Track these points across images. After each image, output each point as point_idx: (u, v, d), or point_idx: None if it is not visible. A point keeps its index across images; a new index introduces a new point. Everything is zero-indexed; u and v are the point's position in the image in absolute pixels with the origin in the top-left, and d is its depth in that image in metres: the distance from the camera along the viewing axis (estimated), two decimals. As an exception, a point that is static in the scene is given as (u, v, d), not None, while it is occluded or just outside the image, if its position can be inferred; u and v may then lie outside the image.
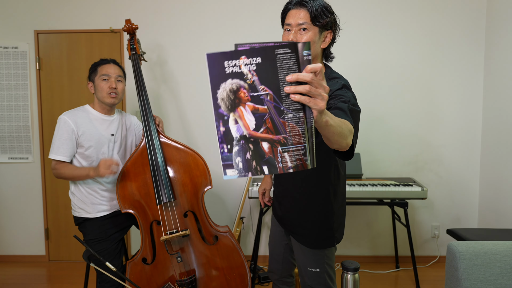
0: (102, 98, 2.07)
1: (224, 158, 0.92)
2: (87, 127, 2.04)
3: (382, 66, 3.11)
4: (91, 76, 2.11)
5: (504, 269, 1.65)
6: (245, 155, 0.92)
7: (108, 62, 2.11)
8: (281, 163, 0.92)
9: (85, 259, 1.69)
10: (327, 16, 1.41)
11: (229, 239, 2.15)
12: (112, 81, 2.07)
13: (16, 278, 3.09)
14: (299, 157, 0.91)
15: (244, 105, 0.89)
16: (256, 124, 0.90)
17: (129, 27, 2.35)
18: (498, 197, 2.92)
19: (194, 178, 2.14)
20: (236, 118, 0.90)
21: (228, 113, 0.89)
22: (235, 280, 2.13)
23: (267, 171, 0.92)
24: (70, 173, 2.00)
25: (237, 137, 0.91)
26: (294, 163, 0.91)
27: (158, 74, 3.17)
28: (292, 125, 0.90)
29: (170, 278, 2.10)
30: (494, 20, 2.95)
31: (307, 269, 1.71)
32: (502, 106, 2.84)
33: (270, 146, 0.91)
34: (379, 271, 3.12)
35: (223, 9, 3.12)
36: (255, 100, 0.89)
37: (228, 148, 0.92)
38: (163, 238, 2.03)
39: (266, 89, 0.88)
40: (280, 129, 0.90)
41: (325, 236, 1.67)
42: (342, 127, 1.11)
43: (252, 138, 0.91)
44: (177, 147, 2.16)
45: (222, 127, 0.90)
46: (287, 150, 0.91)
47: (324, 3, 1.44)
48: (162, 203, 2.07)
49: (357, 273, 1.40)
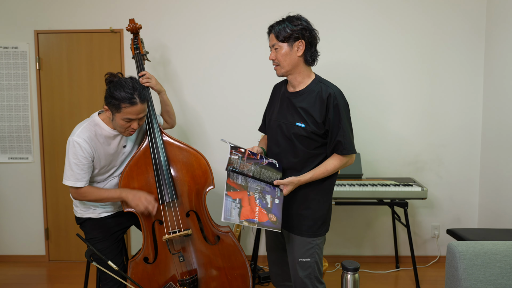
0: (118, 130, 1.95)
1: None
2: (101, 146, 1.95)
3: (382, 66, 3.11)
4: (110, 106, 1.84)
5: (504, 269, 1.66)
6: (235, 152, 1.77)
7: (134, 103, 1.81)
8: (232, 156, 1.74)
9: (88, 257, 1.69)
10: (290, 31, 1.70)
11: (231, 239, 2.15)
12: (135, 123, 1.89)
13: (16, 278, 3.09)
14: (232, 162, 1.74)
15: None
16: (252, 152, 1.82)
17: (133, 27, 2.34)
18: (498, 197, 2.92)
19: (196, 177, 2.14)
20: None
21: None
22: (237, 280, 2.13)
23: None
24: (98, 196, 1.95)
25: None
26: (231, 157, 1.72)
27: (161, 74, 3.17)
28: (249, 163, 1.79)
29: (172, 277, 2.11)
30: (494, 20, 2.96)
31: (298, 260, 1.81)
32: (502, 106, 2.85)
33: (243, 152, 1.79)
34: (379, 271, 3.12)
35: (226, 8, 3.12)
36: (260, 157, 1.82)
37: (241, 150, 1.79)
38: (165, 237, 2.03)
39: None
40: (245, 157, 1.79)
41: (321, 223, 1.83)
42: (327, 171, 1.77)
43: (245, 151, 1.80)
44: (180, 146, 2.16)
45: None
46: (239, 158, 1.76)
47: (288, 23, 1.72)
48: (165, 202, 2.07)
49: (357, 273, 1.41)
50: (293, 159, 1.80)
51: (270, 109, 1.99)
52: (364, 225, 3.27)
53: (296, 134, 1.76)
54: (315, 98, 1.74)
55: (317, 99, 1.73)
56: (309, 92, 1.77)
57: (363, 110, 3.12)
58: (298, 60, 1.75)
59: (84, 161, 1.90)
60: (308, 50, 1.75)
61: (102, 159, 1.98)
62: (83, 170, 1.91)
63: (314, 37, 1.76)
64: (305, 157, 1.79)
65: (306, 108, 1.75)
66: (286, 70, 1.77)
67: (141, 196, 1.97)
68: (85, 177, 1.93)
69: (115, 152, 2.02)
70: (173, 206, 2.10)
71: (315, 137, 1.76)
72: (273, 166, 1.79)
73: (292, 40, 1.72)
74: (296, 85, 1.81)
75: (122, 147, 2.06)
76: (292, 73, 1.79)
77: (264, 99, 3.18)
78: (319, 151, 1.80)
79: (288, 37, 1.71)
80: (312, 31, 1.75)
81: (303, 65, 1.78)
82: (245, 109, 3.19)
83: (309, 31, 1.73)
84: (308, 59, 1.77)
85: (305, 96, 1.77)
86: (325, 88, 1.74)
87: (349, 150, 1.74)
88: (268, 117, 1.98)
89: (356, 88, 3.10)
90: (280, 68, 1.78)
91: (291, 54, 1.73)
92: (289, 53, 1.73)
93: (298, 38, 1.71)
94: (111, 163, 2.04)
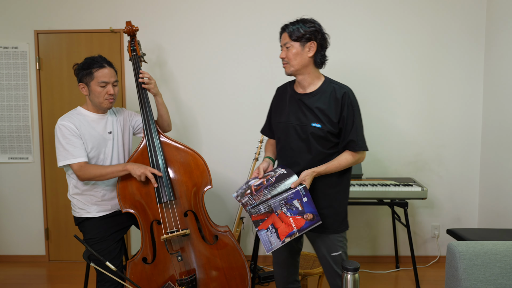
0: (99, 104, 2.04)
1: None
2: (86, 129, 2.03)
3: (381, 66, 3.11)
4: (84, 79, 2.01)
5: (504, 269, 1.65)
6: (241, 191, 1.85)
7: (104, 65, 2.02)
8: (242, 199, 1.81)
9: (85, 258, 1.69)
10: (303, 32, 1.74)
11: (229, 239, 2.15)
12: (110, 87, 2.03)
13: (16, 278, 3.09)
14: (247, 203, 1.78)
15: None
16: (257, 184, 1.83)
17: (130, 29, 2.33)
18: (498, 197, 2.92)
19: (194, 177, 2.14)
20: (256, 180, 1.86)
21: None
22: (235, 280, 2.13)
23: (238, 198, 1.84)
24: (99, 172, 1.98)
25: (247, 184, 1.86)
26: (243, 202, 1.79)
27: (158, 75, 3.17)
28: (260, 194, 1.79)
29: (170, 277, 2.11)
30: (494, 20, 2.95)
31: (330, 255, 1.85)
32: (502, 106, 2.85)
33: (249, 192, 1.81)
34: (379, 271, 3.12)
35: (223, 10, 3.12)
36: (267, 180, 1.83)
37: (244, 186, 1.86)
38: (163, 237, 2.03)
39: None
40: (255, 191, 1.81)
41: (342, 219, 1.88)
42: (340, 165, 1.79)
43: (249, 187, 1.84)
44: (177, 147, 2.16)
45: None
46: (249, 197, 1.81)
47: (303, 23, 1.76)
48: (163, 202, 2.07)
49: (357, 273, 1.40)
50: (309, 159, 1.81)
51: (276, 112, 1.98)
52: (364, 225, 3.27)
53: (313, 135, 1.79)
54: (329, 98, 1.78)
55: (332, 99, 1.78)
56: (322, 92, 1.80)
57: (363, 110, 3.08)
58: (308, 61, 1.79)
59: (74, 139, 1.97)
60: (318, 52, 1.79)
61: (88, 141, 2.02)
62: (77, 146, 1.97)
63: (325, 40, 1.80)
64: (321, 157, 1.81)
65: (322, 108, 1.78)
66: (296, 69, 1.80)
67: (141, 165, 2.02)
68: (82, 153, 1.98)
69: (101, 136, 2.07)
70: (171, 206, 2.10)
71: (331, 136, 1.79)
72: (282, 176, 1.79)
73: (304, 40, 1.76)
74: (306, 86, 1.84)
75: (107, 133, 2.10)
76: (301, 74, 1.82)
77: (260, 100, 3.20)
78: (334, 151, 1.83)
79: (301, 37, 1.75)
80: (324, 34, 1.80)
81: (313, 67, 1.81)
82: (242, 110, 3.19)
83: (321, 34, 1.79)
84: (318, 61, 1.81)
85: (319, 96, 1.80)
86: (339, 88, 1.79)
87: (361, 147, 1.80)
88: (276, 120, 1.96)
89: (356, 88, 3.08)
90: (289, 66, 1.81)
91: (302, 54, 1.77)
92: (300, 52, 1.77)
93: (310, 39, 1.76)
94: (98, 147, 2.06)
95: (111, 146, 2.11)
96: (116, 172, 2.01)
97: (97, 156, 2.06)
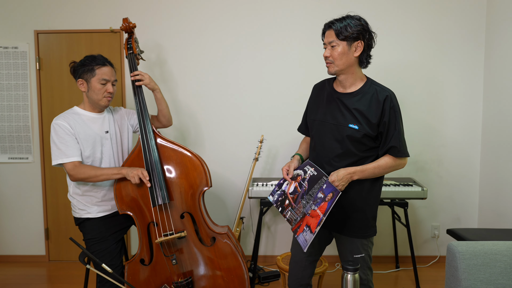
0: (97, 101, 2.04)
1: (273, 190, 1.94)
2: (81, 128, 2.02)
3: (381, 66, 3.11)
4: (85, 75, 2.02)
5: (504, 269, 1.65)
6: (278, 198, 1.89)
7: (106, 64, 2.05)
8: (285, 214, 1.83)
9: (81, 260, 1.67)
10: (351, 30, 1.67)
11: (227, 241, 2.14)
12: (110, 86, 2.05)
13: (16, 278, 3.09)
14: (291, 218, 1.79)
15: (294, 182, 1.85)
16: (292, 191, 1.84)
17: (126, 26, 2.31)
18: (498, 197, 2.92)
19: (190, 179, 2.12)
20: (288, 183, 1.88)
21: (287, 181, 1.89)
22: (233, 282, 2.12)
23: (279, 209, 1.87)
24: (94, 173, 1.97)
25: (281, 190, 1.89)
26: (288, 218, 1.80)
27: (157, 74, 3.17)
28: (300, 206, 1.78)
29: (167, 279, 2.10)
30: (494, 20, 2.95)
31: (353, 257, 1.84)
32: (502, 106, 2.84)
33: (288, 203, 1.83)
34: (379, 271, 3.12)
35: (223, 9, 3.12)
36: (299, 185, 1.83)
37: (276, 188, 1.92)
38: (158, 240, 2.02)
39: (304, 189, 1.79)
40: (294, 202, 1.82)
41: (371, 224, 1.86)
42: (380, 168, 1.74)
43: (285, 194, 1.86)
44: (173, 148, 2.14)
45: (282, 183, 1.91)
46: (291, 211, 1.80)
47: (350, 21, 1.70)
48: (157, 205, 2.06)
49: (357, 273, 1.40)
50: (342, 161, 1.77)
51: (312, 109, 1.93)
52: (364, 225, 3.27)
53: (350, 137, 1.73)
54: (370, 100, 1.72)
55: (373, 101, 1.71)
56: (363, 93, 1.74)
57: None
58: (353, 61, 1.73)
59: (68, 138, 1.96)
60: (364, 52, 1.73)
61: (84, 140, 2.01)
62: (70, 146, 1.96)
63: (372, 39, 1.75)
64: (354, 160, 1.76)
65: (362, 110, 1.72)
66: (340, 69, 1.73)
67: (134, 168, 2.02)
68: (75, 152, 1.97)
69: (97, 135, 2.06)
70: (166, 208, 2.09)
71: (367, 139, 1.73)
72: (313, 178, 1.76)
73: (352, 39, 1.69)
74: (348, 86, 1.78)
75: (104, 132, 2.09)
76: (344, 73, 1.76)
77: (261, 99, 3.20)
78: (368, 154, 1.77)
79: (349, 36, 1.68)
80: (371, 33, 1.74)
81: (357, 66, 1.76)
82: (243, 109, 3.19)
83: (369, 32, 1.73)
84: (363, 61, 1.76)
85: (360, 97, 1.74)
86: (381, 91, 1.73)
87: (403, 153, 1.74)
88: (311, 117, 1.92)
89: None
90: (333, 66, 1.74)
91: (349, 54, 1.71)
92: (347, 52, 1.70)
93: (357, 39, 1.69)
94: (94, 146, 2.05)
95: (108, 145, 2.10)
96: (111, 174, 2.00)
97: (93, 155, 2.05)
